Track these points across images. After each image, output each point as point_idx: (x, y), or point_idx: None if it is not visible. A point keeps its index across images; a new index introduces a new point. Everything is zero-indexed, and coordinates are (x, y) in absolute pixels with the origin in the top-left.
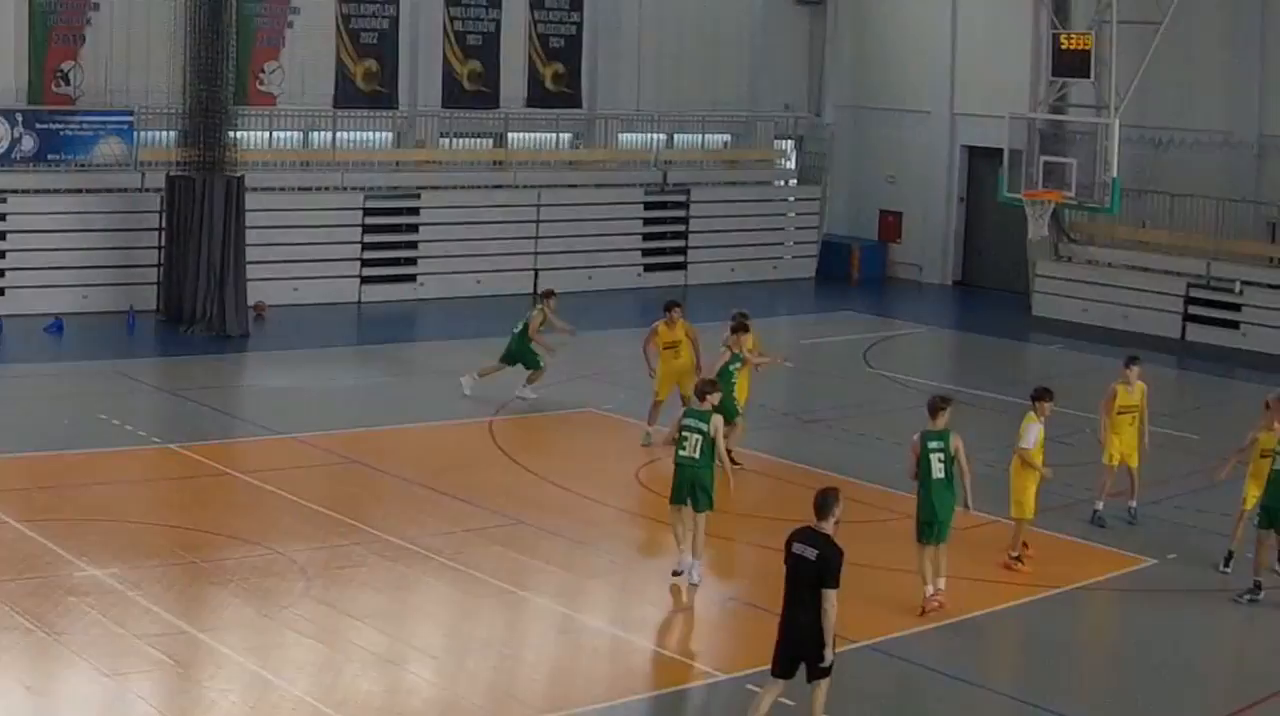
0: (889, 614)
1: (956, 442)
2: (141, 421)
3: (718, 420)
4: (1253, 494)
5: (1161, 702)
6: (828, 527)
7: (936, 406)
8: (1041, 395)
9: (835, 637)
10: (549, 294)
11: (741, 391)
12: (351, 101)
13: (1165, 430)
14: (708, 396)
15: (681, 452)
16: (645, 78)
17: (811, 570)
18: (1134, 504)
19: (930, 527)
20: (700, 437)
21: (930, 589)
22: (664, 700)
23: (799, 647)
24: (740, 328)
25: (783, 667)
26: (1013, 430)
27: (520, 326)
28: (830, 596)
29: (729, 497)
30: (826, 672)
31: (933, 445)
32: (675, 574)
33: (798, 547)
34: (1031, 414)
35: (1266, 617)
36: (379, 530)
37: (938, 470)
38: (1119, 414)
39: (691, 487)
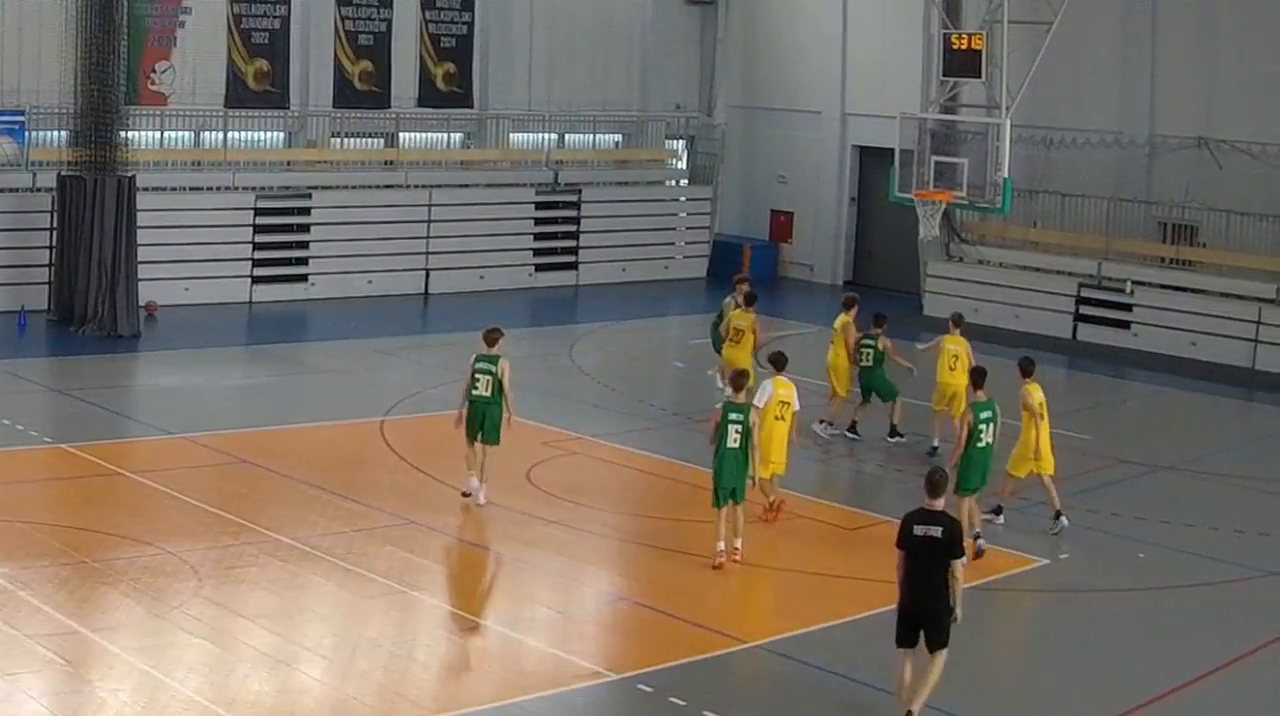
0: (782, 614)
1: (754, 418)
2: (32, 421)
3: (505, 363)
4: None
5: (1054, 702)
6: (940, 505)
7: (738, 382)
8: (775, 359)
9: (725, 637)
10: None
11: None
12: (243, 101)
13: (1057, 430)
14: (497, 341)
15: (475, 392)
16: (536, 78)
17: (940, 546)
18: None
19: (727, 492)
20: (490, 378)
21: (723, 545)
22: (554, 700)
23: (924, 619)
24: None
25: (910, 638)
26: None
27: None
28: (958, 566)
29: (508, 432)
30: (946, 642)
31: (732, 417)
32: (464, 495)
33: (919, 529)
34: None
35: (1160, 617)
36: (270, 530)
37: (733, 439)
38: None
39: (483, 422)
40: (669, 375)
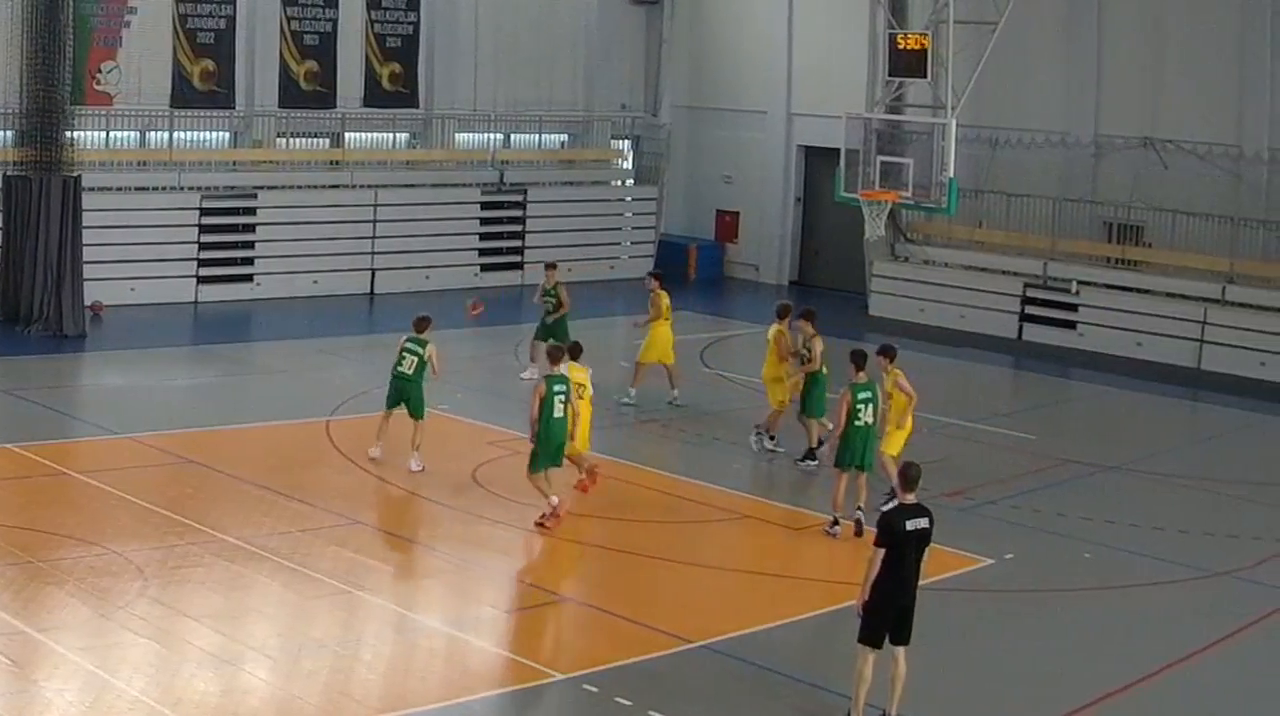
0: (727, 613)
1: (431, 349)
2: None
3: (433, 348)
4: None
5: (998, 702)
6: (914, 497)
7: (557, 355)
8: (570, 351)
9: (671, 637)
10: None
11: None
12: (188, 101)
13: (1002, 430)
14: (426, 328)
15: (399, 369)
16: (482, 78)
17: (928, 537)
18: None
19: (548, 456)
20: (415, 358)
21: (549, 505)
22: (500, 700)
23: (904, 614)
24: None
25: (882, 637)
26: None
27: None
28: (928, 552)
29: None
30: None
31: (557, 388)
32: (371, 459)
33: (911, 524)
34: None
35: (1105, 617)
36: (216, 530)
37: (559, 410)
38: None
39: (407, 398)
40: (613, 375)
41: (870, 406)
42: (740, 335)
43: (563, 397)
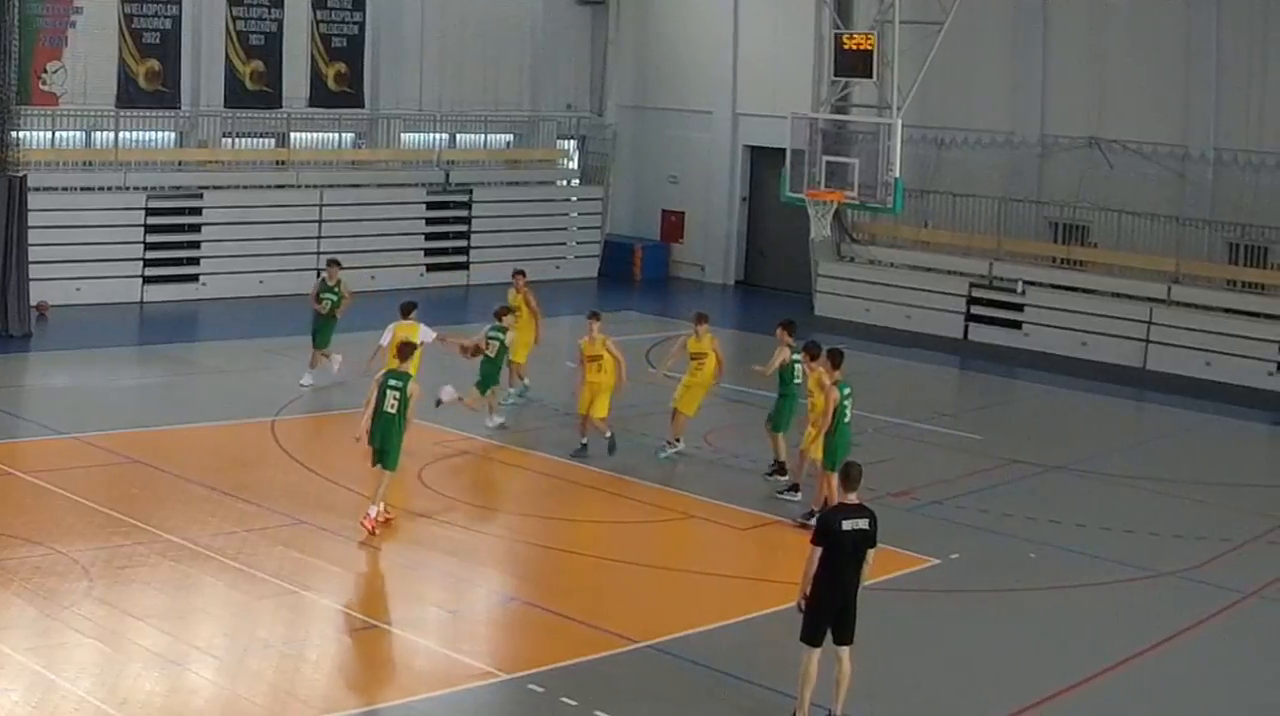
0: (673, 614)
1: (413, 387)
2: None
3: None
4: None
5: (944, 702)
6: (856, 498)
7: (404, 352)
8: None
9: (617, 637)
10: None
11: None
12: (134, 101)
13: (947, 430)
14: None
15: (383, 408)
16: (428, 78)
17: (867, 538)
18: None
19: (383, 454)
20: (399, 396)
21: (374, 509)
22: (446, 700)
23: (843, 614)
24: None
25: (822, 636)
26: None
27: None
28: (872, 554)
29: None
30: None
31: (392, 383)
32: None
33: (848, 524)
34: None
35: (1051, 617)
36: (161, 530)
37: (390, 405)
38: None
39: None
40: (560, 375)
41: (850, 405)
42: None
43: (396, 393)
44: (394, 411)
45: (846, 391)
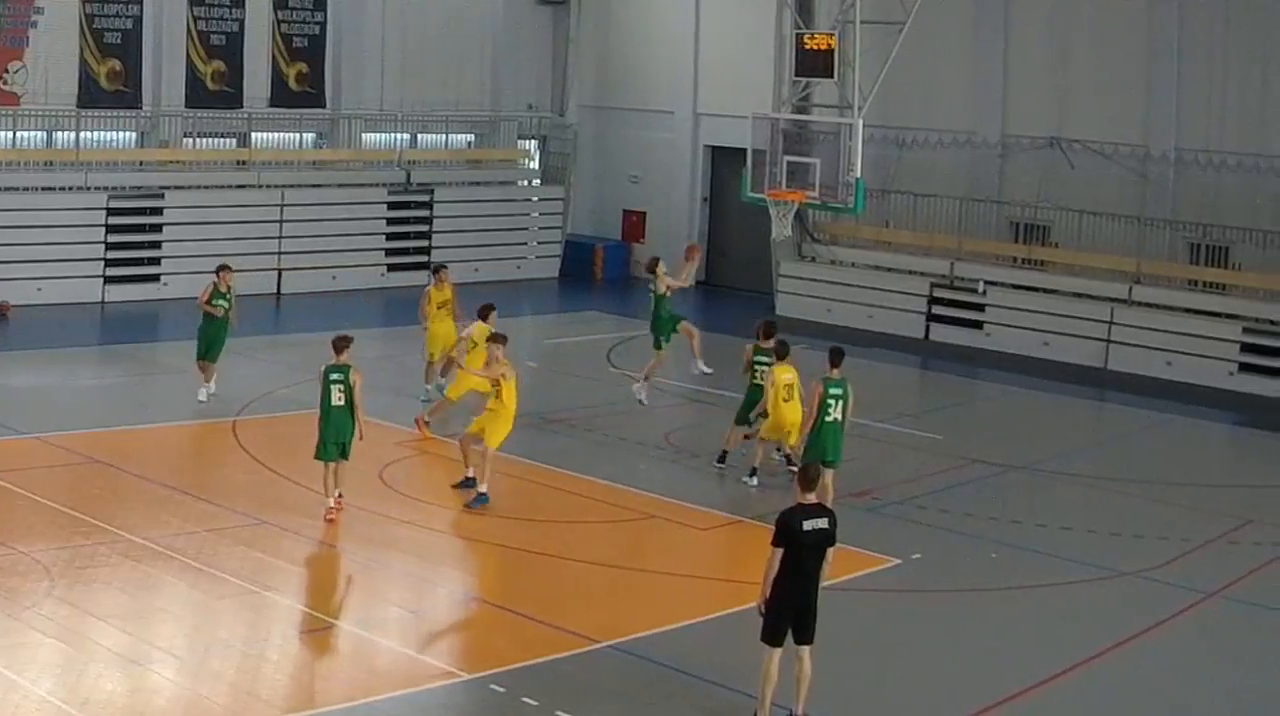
0: (634, 613)
1: (355, 377)
2: None
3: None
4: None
5: (905, 702)
6: (814, 498)
7: (339, 344)
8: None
9: (578, 637)
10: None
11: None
12: (95, 101)
13: (908, 430)
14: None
15: (330, 403)
16: (389, 77)
17: (827, 537)
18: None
19: (334, 446)
20: (342, 387)
21: (331, 500)
22: (407, 699)
23: (805, 614)
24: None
25: (783, 636)
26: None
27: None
28: (831, 552)
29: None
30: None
31: (334, 377)
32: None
33: (809, 524)
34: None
35: (1012, 618)
36: (122, 530)
37: (337, 398)
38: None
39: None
40: (522, 375)
41: (840, 403)
42: (647, 335)
43: (340, 387)
44: (341, 403)
45: (835, 390)
